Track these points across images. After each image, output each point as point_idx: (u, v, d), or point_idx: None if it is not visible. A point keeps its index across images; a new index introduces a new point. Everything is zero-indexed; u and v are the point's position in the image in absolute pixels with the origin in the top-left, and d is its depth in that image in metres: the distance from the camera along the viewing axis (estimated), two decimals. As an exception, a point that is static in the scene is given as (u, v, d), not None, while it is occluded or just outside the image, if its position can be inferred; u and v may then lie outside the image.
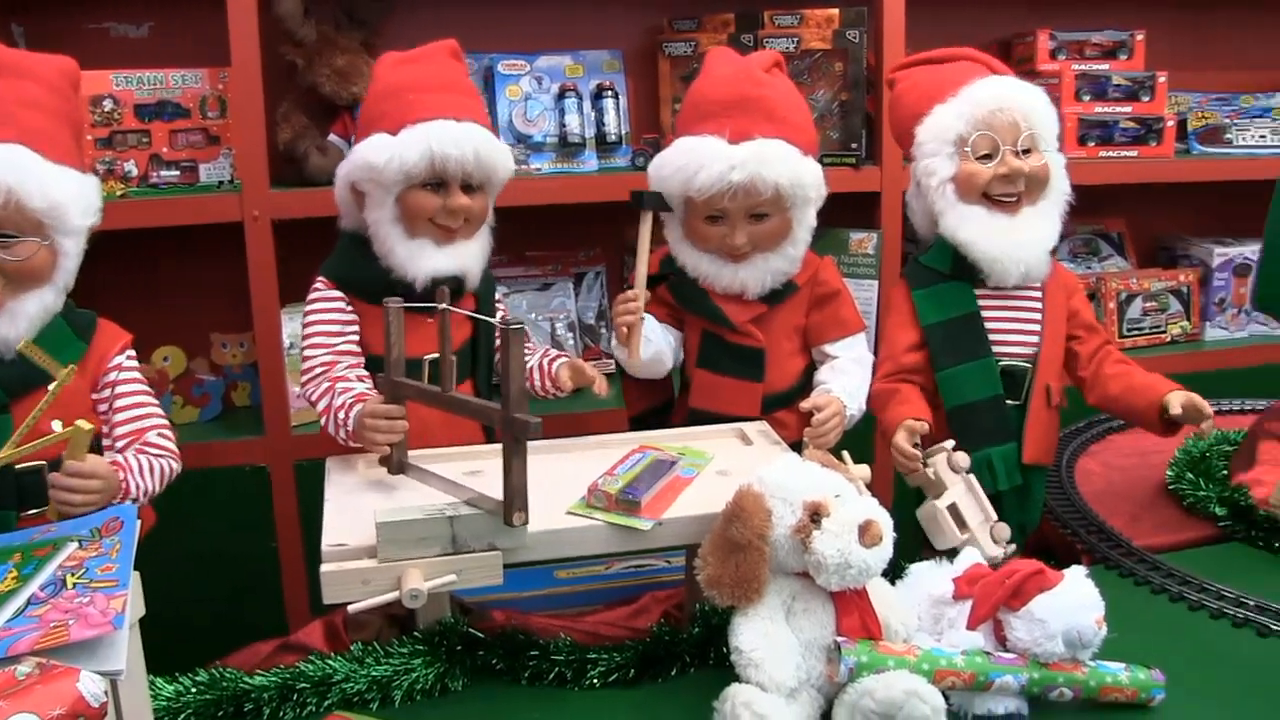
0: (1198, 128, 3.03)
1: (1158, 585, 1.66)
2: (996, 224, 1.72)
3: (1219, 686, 1.42)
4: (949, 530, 1.55)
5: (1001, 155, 1.72)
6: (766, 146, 1.75)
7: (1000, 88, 1.75)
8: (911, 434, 1.63)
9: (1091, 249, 3.01)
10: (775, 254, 1.81)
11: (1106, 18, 2.96)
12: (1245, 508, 1.84)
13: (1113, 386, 1.77)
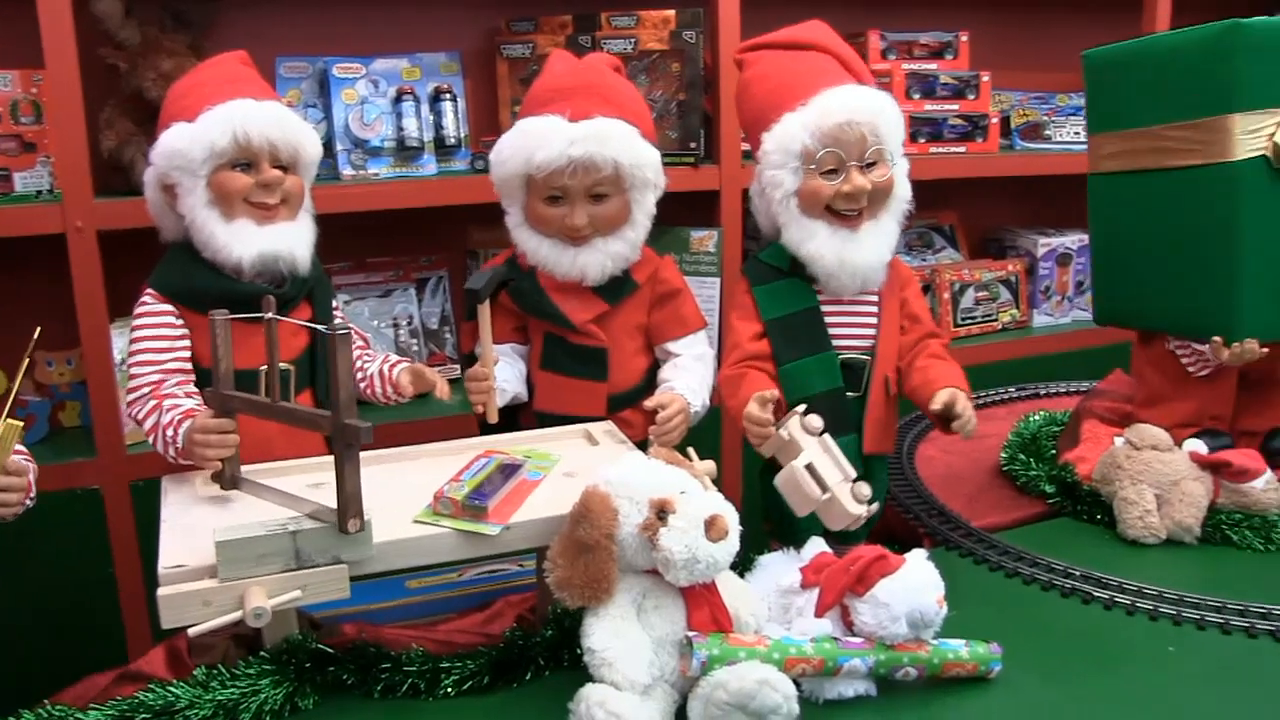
0: (1020, 124, 3.16)
1: (994, 563, 1.72)
2: (838, 240, 1.73)
3: (1050, 654, 1.48)
4: (810, 490, 1.51)
5: (846, 173, 1.72)
6: (606, 124, 1.76)
7: (850, 99, 1.72)
8: (764, 403, 1.61)
9: (926, 242, 3.11)
10: (615, 238, 1.80)
11: (932, 19, 3.07)
12: (1072, 484, 1.94)
13: (914, 378, 1.79)
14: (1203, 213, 1.84)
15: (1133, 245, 1.98)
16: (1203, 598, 1.60)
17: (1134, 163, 1.93)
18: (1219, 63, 1.76)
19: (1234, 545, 1.80)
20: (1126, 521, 1.80)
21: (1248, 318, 1.82)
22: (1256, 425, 2.01)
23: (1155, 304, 1.96)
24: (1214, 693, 1.40)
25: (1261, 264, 1.81)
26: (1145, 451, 1.84)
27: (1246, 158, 1.77)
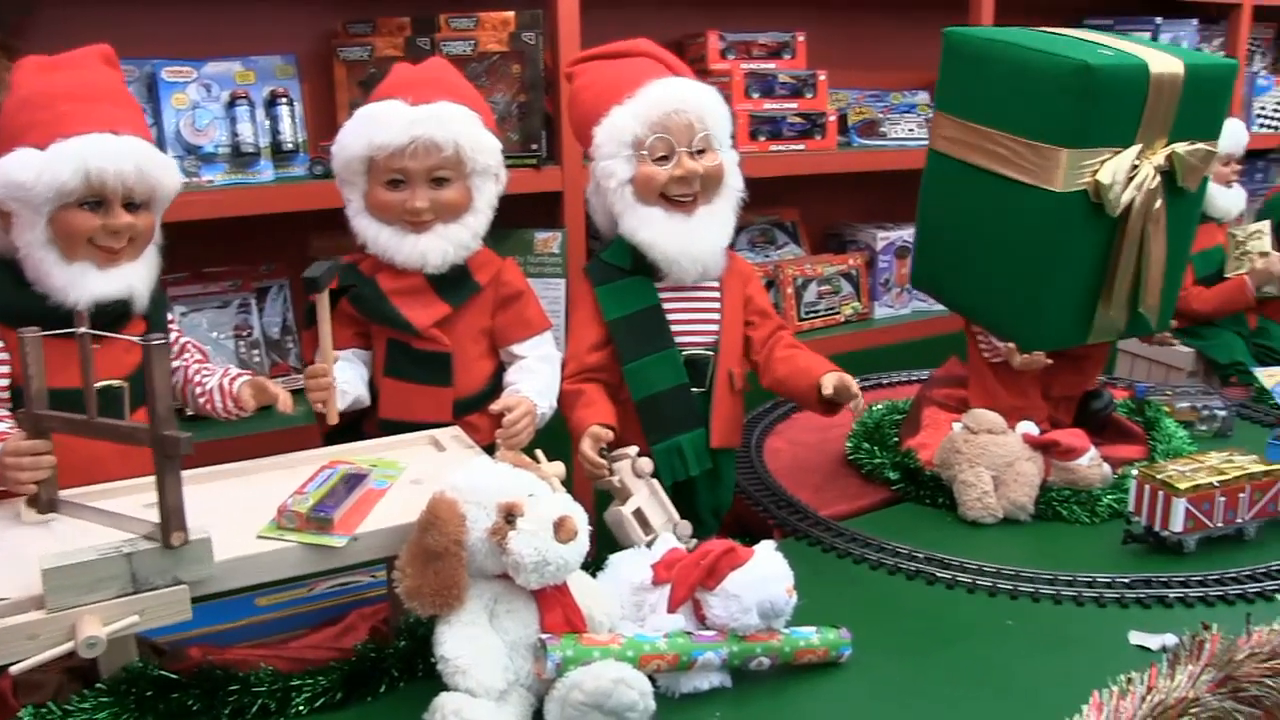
0: (857, 122, 3.24)
1: (842, 550, 1.77)
2: (674, 225, 1.78)
3: (898, 635, 1.54)
4: (634, 534, 1.61)
5: (677, 158, 1.77)
6: (448, 107, 1.76)
7: (675, 89, 1.80)
8: (596, 441, 1.67)
9: (768, 238, 3.16)
10: (457, 224, 1.78)
11: (770, 19, 3.12)
12: (914, 470, 2.00)
13: (780, 370, 1.85)
14: (1022, 227, 1.90)
15: (954, 227, 2.05)
16: (1037, 572, 1.67)
17: (968, 155, 1.98)
18: (1065, 99, 1.79)
19: (1064, 520, 1.89)
20: (966, 503, 1.87)
21: (1044, 333, 1.92)
22: (1071, 390, 2.11)
23: (965, 288, 2.04)
24: (1048, 660, 1.47)
25: (1067, 287, 1.90)
26: (982, 435, 1.91)
27: (1070, 191, 1.82)
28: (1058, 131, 1.81)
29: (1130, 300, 1.93)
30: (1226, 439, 2.30)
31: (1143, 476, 1.77)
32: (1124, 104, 1.81)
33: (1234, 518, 1.78)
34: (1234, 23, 3.93)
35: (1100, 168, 1.82)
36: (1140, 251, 1.89)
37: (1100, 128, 1.81)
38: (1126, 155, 1.83)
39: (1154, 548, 1.77)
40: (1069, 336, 1.96)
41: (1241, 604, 1.61)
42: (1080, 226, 1.86)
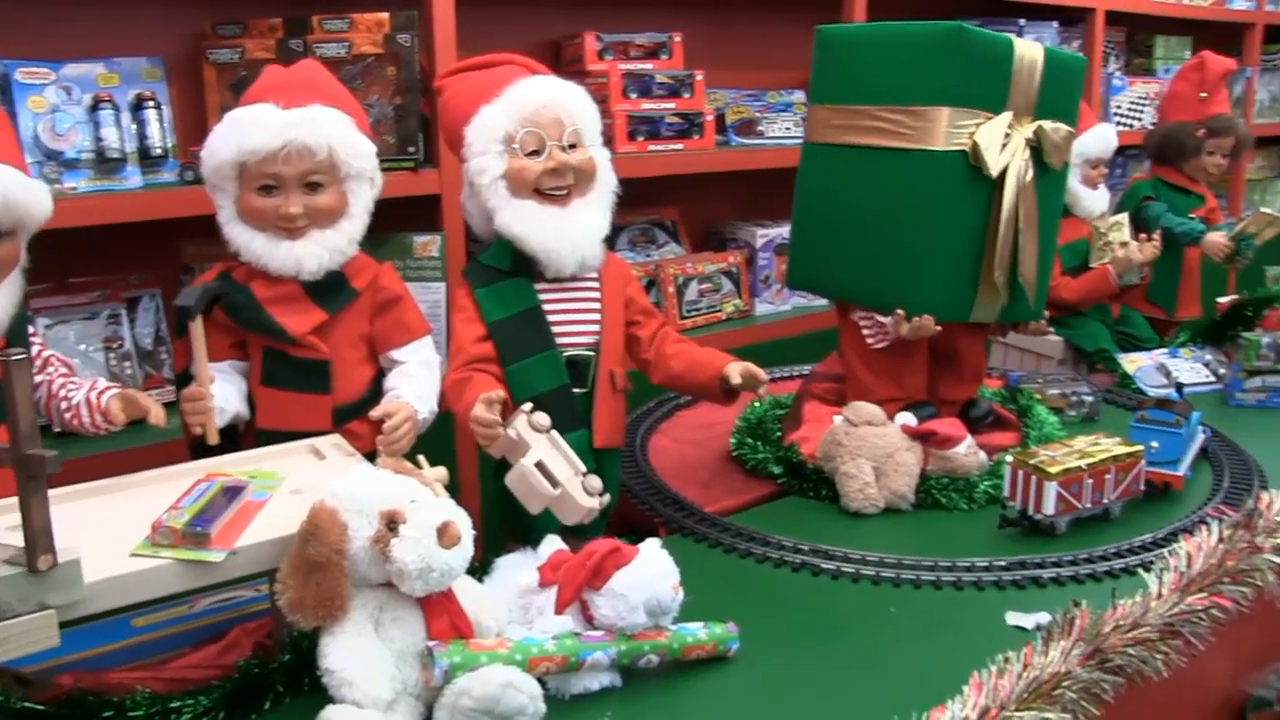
0: (734, 121, 3.28)
1: (727, 545, 1.79)
2: (549, 217, 1.78)
3: (784, 627, 1.56)
4: (540, 488, 1.53)
5: (548, 151, 1.78)
6: (321, 110, 1.73)
7: (543, 86, 1.82)
8: (490, 404, 1.61)
9: (649, 237, 3.18)
10: (332, 230, 1.76)
11: (646, 20, 3.14)
12: (797, 464, 2.03)
13: (675, 364, 1.88)
14: (904, 193, 1.97)
15: (834, 215, 2.09)
16: (918, 559, 1.71)
17: (847, 137, 2.04)
18: (941, 58, 1.90)
19: (943, 507, 1.94)
20: (848, 494, 1.91)
21: (930, 295, 1.96)
22: (952, 396, 2.17)
23: (848, 273, 2.08)
24: (930, 643, 1.51)
25: (949, 248, 1.96)
26: (862, 427, 1.95)
27: (950, 150, 1.91)
28: (935, 92, 1.91)
29: (1009, 272, 2.00)
30: (1094, 423, 2.39)
31: (1016, 462, 1.82)
32: (994, 70, 1.93)
33: (1101, 498, 1.85)
34: (1090, 26, 4.08)
35: (977, 130, 1.91)
36: (1016, 220, 1.96)
37: (974, 88, 1.91)
38: (1000, 120, 1.93)
39: (1028, 530, 1.83)
40: (952, 306, 2.01)
41: (1108, 580, 1.68)
42: (960, 187, 1.93)
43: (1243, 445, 2.22)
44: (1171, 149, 3.30)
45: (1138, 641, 1.51)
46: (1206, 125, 3.24)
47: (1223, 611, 1.65)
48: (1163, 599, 1.57)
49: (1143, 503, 1.93)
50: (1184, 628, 1.58)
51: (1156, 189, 3.32)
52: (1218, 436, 2.25)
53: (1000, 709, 1.33)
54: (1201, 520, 1.82)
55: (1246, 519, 1.78)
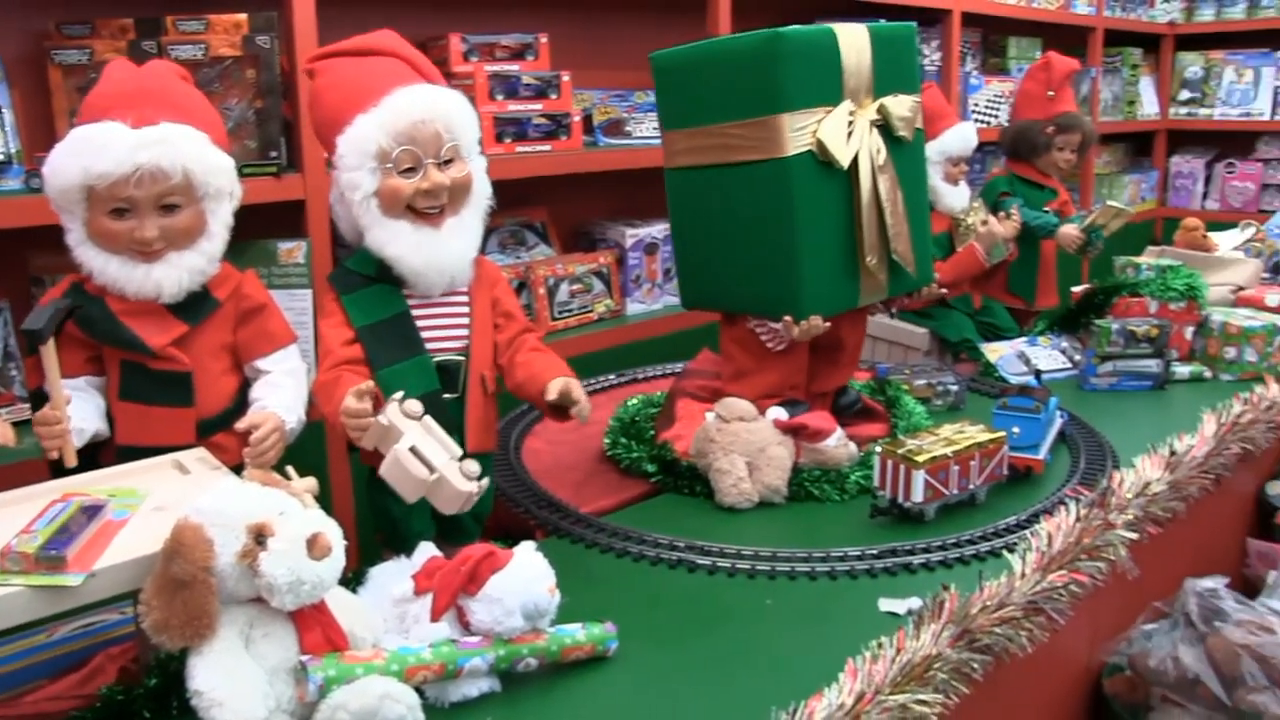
0: (602, 121, 3.28)
1: (604, 545, 1.79)
2: (421, 238, 1.73)
3: (662, 624, 1.56)
4: (416, 472, 1.50)
5: (424, 170, 1.72)
6: (174, 129, 1.65)
7: (422, 98, 1.73)
8: (360, 395, 1.58)
9: (518, 239, 3.16)
10: (191, 251, 1.69)
11: (512, 21, 3.12)
12: (671, 461, 2.04)
13: (519, 374, 1.83)
14: (763, 204, 1.99)
15: (708, 235, 2.11)
16: (793, 551, 1.74)
17: (702, 158, 2.06)
18: (765, 68, 1.91)
19: (816, 499, 1.97)
20: (722, 490, 1.93)
21: (809, 297, 1.99)
22: (826, 386, 2.21)
23: (732, 288, 2.10)
24: (806, 633, 1.53)
25: (817, 247, 1.99)
26: (734, 423, 1.97)
27: (796, 153, 1.93)
28: (768, 101, 1.92)
29: (884, 251, 2.04)
30: (959, 411, 2.46)
31: (885, 453, 1.86)
32: (821, 64, 1.95)
33: (967, 484, 1.90)
34: (948, 26, 4.20)
35: (818, 127, 1.93)
36: (878, 202, 2.00)
37: (804, 89, 1.93)
38: (839, 111, 1.96)
39: (898, 518, 1.87)
40: (838, 298, 2.04)
41: (975, 563, 1.73)
42: (814, 185, 1.96)
43: (1097, 428, 2.31)
44: (1024, 146, 3.42)
45: (1004, 621, 1.56)
46: (1055, 122, 3.37)
47: (1080, 586, 1.71)
48: (1026, 578, 1.63)
49: (1006, 487, 1.99)
50: (1046, 604, 1.64)
51: (1012, 184, 3.44)
52: (1074, 420, 2.33)
53: (875, 694, 1.36)
54: (1060, 501, 1.88)
55: (1101, 498, 1.85)
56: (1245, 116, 5.77)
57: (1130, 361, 2.65)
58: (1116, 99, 5.57)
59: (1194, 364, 2.79)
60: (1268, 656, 1.82)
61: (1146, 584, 1.96)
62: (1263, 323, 2.76)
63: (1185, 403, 2.51)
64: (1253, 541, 2.42)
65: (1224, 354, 2.78)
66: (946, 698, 1.44)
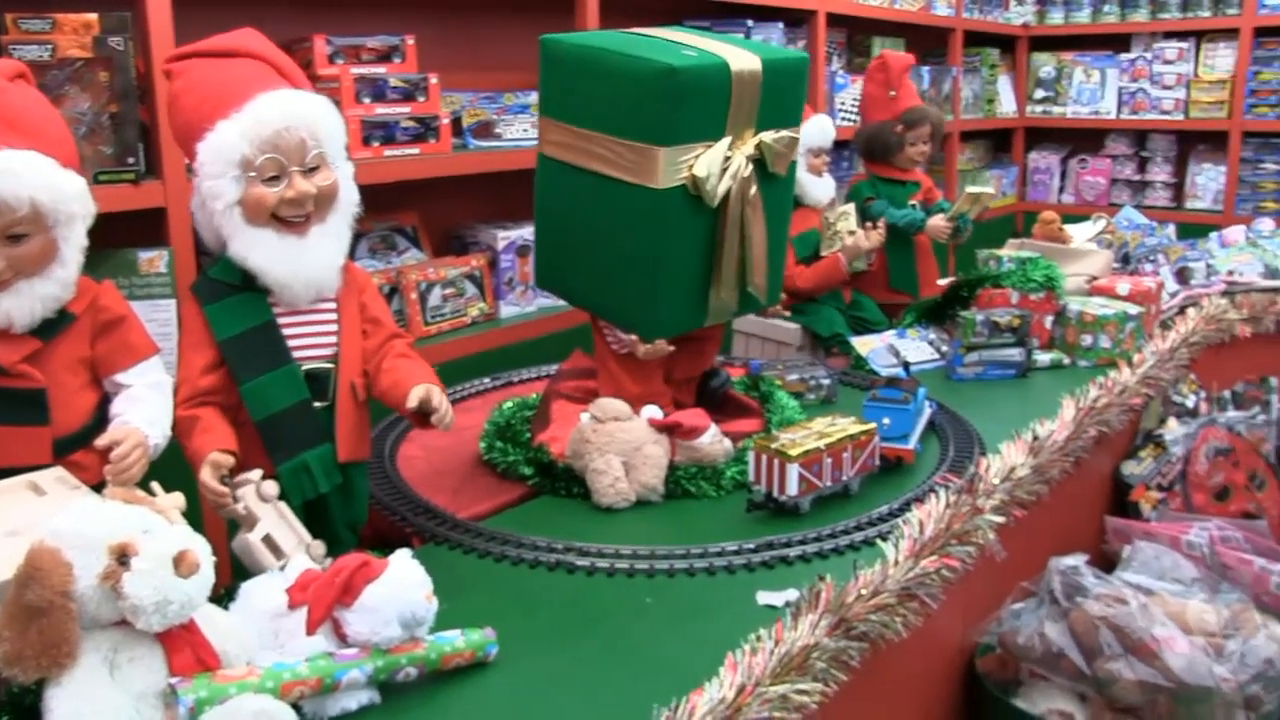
0: (471, 124, 3.26)
1: (482, 550, 1.77)
2: (286, 247, 1.69)
3: (543, 627, 1.56)
4: (265, 560, 1.55)
5: (289, 178, 1.67)
6: (16, 158, 1.55)
7: (286, 104, 1.69)
8: (217, 469, 1.59)
9: (389, 244, 3.12)
10: (43, 278, 1.60)
11: (378, 23, 3.08)
12: (548, 464, 2.04)
13: (383, 381, 1.80)
14: (630, 224, 1.97)
15: (570, 229, 2.10)
16: (671, 549, 1.75)
17: (574, 158, 2.04)
18: (655, 100, 1.88)
19: (693, 496, 1.99)
20: (599, 490, 1.93)
21: (662, 322, 2.01)
22: (692, 372, 2.23)
23: (585, 286, 2.10)
24: (686, 630, 1.55)
25: (678, 277, 2.00)
26: (609, 423, 1.98)
27: (670, 186, 1.91)
28: (651, 131, 1.89)
29: (739, 281, 2.06)
30: (832, 404, 2.51)
31: (759, 447, 1.89)
32: (710, 101, 1.92)
33: (840, 476, 1.94)
34: (813, 27, 4.28)
35: (695, 162, 1.92)
36: (742, 236, 2.01)
37: (690, 125, 1.91)
38: (719, 148, 1.94)
39: (774, 512, 1.90)
40: (687, 321, 2.06)
41: (850, 552, 1.76)
42: (683, 219, 1.96)
43: (964, 416, 2.38)
44: (878, 147, 3.49)
45: (879, 608, 1.60)
46: (902, 120, 3.44)
47: (952, 571, 1.77)
48: (899, 566, 1.67)
49: (879, 477, 2.04)
50: (919, 590, 1.69)
51: (874, 186, 3.52)
52: (943, 409, 2.40)
53: (755, 686, 1.38)
54: (931, 489, 1.93)
55: (969, 484, 1.91)
56: (1095, 115, 6.01)
57: (994, 351, 2.74)
58: (977, 97, 5.74)
59: (1054, 352, 2.89)
60: (1122, 626, 1.90)
61: (1014, 565, 2.03)
62: (1115, 311, 2.88)
63: (1046, 389, 2.60)
64: (1110, 519, 2.52)
65: (1081, 341, 2.89)
66: (826, 685, 1.47)
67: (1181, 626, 1.95)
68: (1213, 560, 2.24)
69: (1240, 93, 5.55)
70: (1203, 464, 2.68)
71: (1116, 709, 1.92)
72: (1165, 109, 5.78)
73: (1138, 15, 5.86)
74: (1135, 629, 1.90)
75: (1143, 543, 2.27)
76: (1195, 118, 5.70)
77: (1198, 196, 5.82)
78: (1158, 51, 5.82)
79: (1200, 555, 2.25)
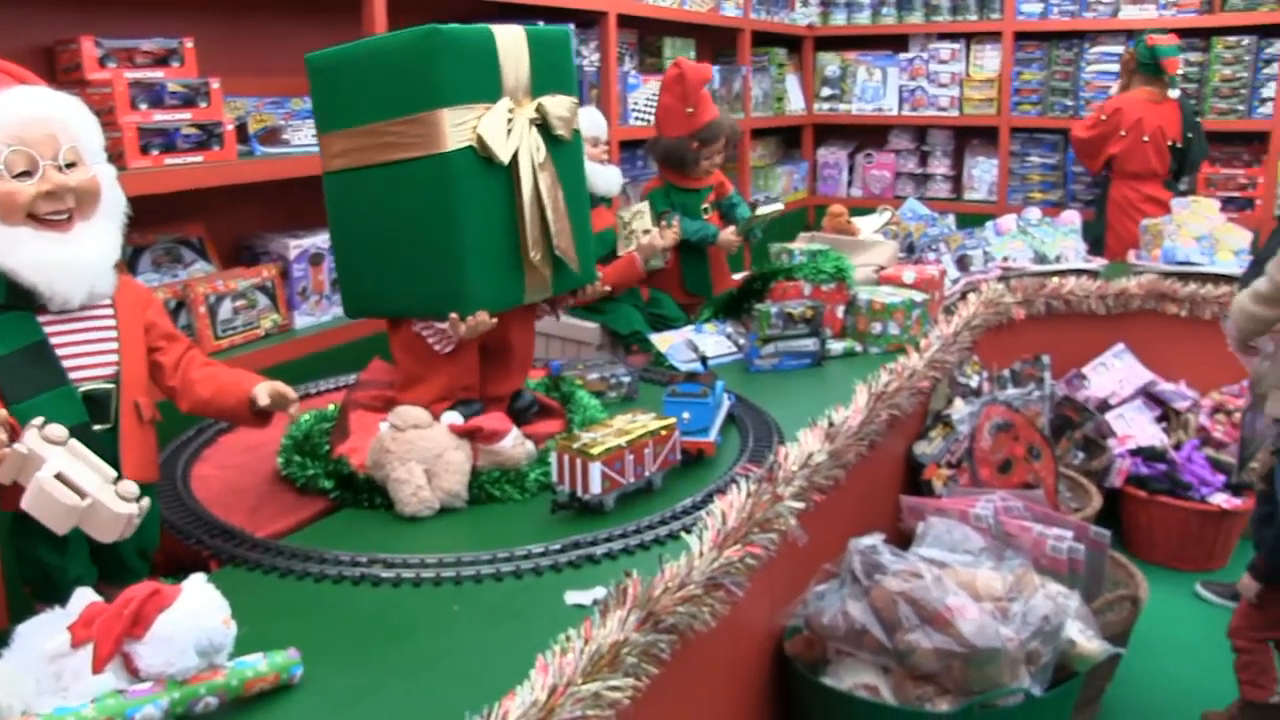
0: (258, 130, 3.15)
1: (283, 568, 1.72)
2: (48, 244, 1.60)
3: (350, 643, 1.53)
4: (66, 499, 1.41)
5: (42, 171, 1.59)
6: None
7: (31, 98, 1.62)
8: None
9: (174, 257, 2.98)
10: None
11: (152, 24, 2.94)
12: (349, 476, 1.99)
13: (202, 390, 1.77)
14: (426, 201, 1.98)
15: (370, 238, 2.07)
16: (477, 554, 1.74)
17: (361, 159, 2.02)
18: (423, 63, 1.91)
19: (498, 500, 1.99)
20: (402, 500, 1.90)
21: (475, 292, 2.00)
22: (501, 390, 2.22)
23: (397, 291, 2.07)
24: (496, 636, 1.54)
25: (480, 242, 1.99)
26: (409, 431, 1.95)
27: (457, 148, 1.94)
28: (428, 96, 1.93)
29: (546, 247, 2.06)
30: (633, 402, 2.53)
31: (561, 448, 1.89)
32: (478, 62, 1.97)
33: (643, 472, 1.96)
34: (604, 28, 4.31)
35: (478, 122, 1.95)
36: (539, 199, 2.03)
37: (464, 84, 1.95)
38: (499, 108, 1.98)
39: (579, 511, 1.90)
40: (504, 295, 2.05)
41: (656, 547, 1.79)
42: (476, 181, 1.97)
43: (763, 406, 2.44)
44: (673, 161, 3.53)
45: (686, 599, 1.62)
46: (697, 138, 3.47)
47: (756, 558, 1.81)
48: (704, 556, 1.70)
49: (681, 471, 2.07)
50: (725, 579, 1.73)
51: (669, 194, 3.55)
52: (741, 401, 2.46)
53: (567, 686, 1.38)
54: (732, 480, 1.98)
55: (769, 473, 1.96)
56: (878, 111, 6.27)
57: (789, 342, 2.82)
58: (767, 95, 5.91)
59: (847, 340, 3.00)
60: (918, 599, 1.99)
61: (816, 548, 2.09)
62: (902, 299, 3.01)
63: (841, 377, 2.70)
64: (904, 498, 2.63)
65: (871, 329, 3.01)
66: (638, 680, 1.49)
67: (972, 594, 2.05)
68: (997, 530, 2.36)
69: (1006, 91, 5.90)
70: (986, 440, 2.82)
71: (916, 677, 2.00)
72: (942, 106, 6.09)
73: (913, 17, 6.15)
74: (930, 600, 1.99)
75: (934, 518, 2.38)
76: (969, 114, 6.02)
77: (974, 188, 6.15)
78: (933, 52, 6.12)
79: (986, 526, 2.37)
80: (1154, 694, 2.74)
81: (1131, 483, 3.43)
